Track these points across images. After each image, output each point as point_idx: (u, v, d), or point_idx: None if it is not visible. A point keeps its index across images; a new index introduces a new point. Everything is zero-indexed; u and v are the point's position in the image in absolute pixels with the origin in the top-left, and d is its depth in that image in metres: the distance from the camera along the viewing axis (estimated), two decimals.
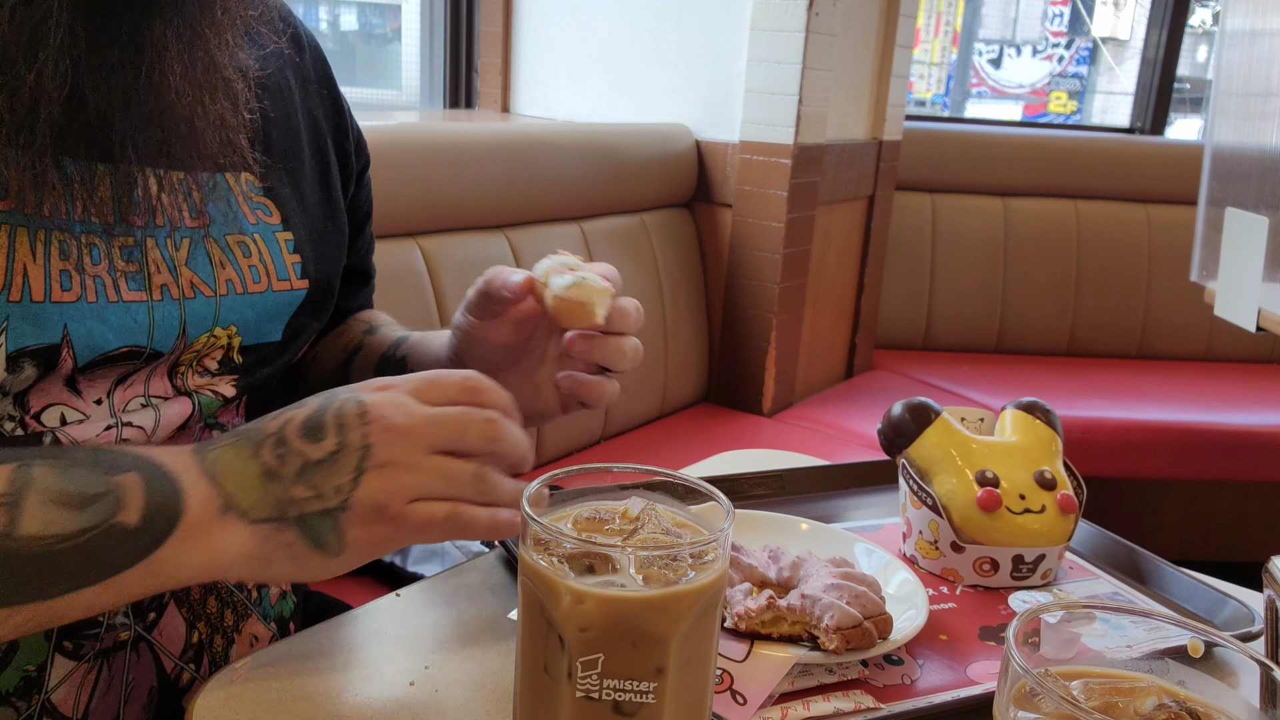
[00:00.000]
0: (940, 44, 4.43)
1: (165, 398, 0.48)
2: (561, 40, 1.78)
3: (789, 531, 0.57)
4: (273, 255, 0.51)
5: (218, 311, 0.48)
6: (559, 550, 0.34)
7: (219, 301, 0.48)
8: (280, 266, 0.51)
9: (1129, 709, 0.32)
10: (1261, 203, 1.45)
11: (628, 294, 0.52)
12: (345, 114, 0.61)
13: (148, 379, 0.47)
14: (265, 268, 0.50)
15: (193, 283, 0.47)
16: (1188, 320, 2.10)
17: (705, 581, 0.34)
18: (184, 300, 0.46)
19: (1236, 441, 1.78)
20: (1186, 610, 0.55)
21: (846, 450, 1.46)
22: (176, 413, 0.48)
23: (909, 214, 2.06)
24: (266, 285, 0.50)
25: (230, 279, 0.48)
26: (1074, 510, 0.57)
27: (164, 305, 0.46)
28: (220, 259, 0.48)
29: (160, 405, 0.48)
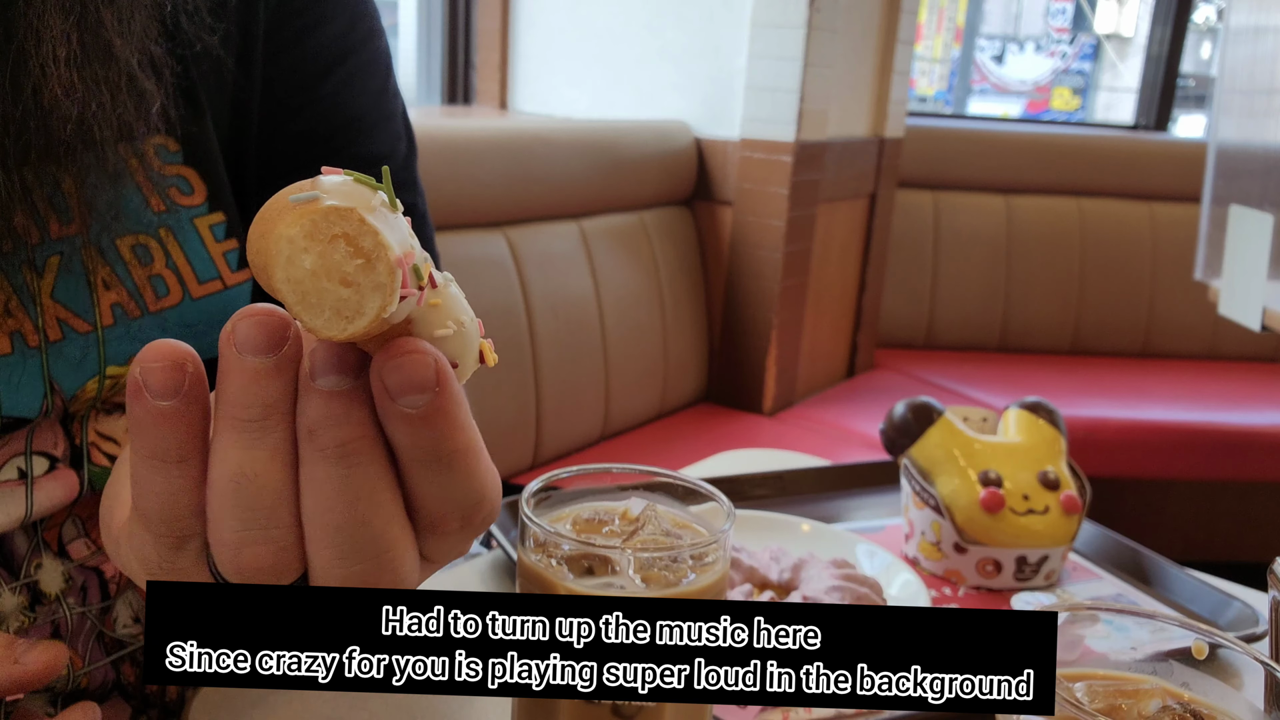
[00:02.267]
0: (942, 40, 4.42)
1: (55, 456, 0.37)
2: (560, 36, 1.77)
3: (790, 532, 0.56)
4: (187, 251, 0.38)
5: (102, 351, 0.35)
6: (557, 552, 0.34)
7: (102, 336, 0.35)
8: (201, 263, 0.38)
9: (1133, 711, 0.31)
10: (1266, 200, 1.44)
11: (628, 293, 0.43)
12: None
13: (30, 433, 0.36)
14: (176, 272, 0.37)
15: (61, 319, 0.34)
16: (1192, 319, 2.09)
17: (706, 583, 0.33)
18: (46, 346, 0.34)
19: (1241, 441, 1.77)
20: (1190, 611, 0.54)
21: (848, 450, 1.46)
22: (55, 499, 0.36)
23: (911, 212, 2.05)
24: (180, 296, 0.37)
25: (119, 302, 0.36)
26: (1078, 511, 0.57)
27: (14, 359, 0.33)
28: (104, 277, 0.35)
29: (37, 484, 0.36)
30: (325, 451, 0.20)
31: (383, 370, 0.20)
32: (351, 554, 0.21)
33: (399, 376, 0.19)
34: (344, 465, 0.20)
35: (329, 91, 0.43)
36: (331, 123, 0.43)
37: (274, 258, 0.19)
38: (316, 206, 0.19)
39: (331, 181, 0.20)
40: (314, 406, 0.20)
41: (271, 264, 0.19)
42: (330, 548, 0.21)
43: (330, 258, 0.19)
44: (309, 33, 0.43)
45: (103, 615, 0.42)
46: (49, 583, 0.41)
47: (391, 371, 0.20)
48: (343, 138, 0.44)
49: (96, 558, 0.42)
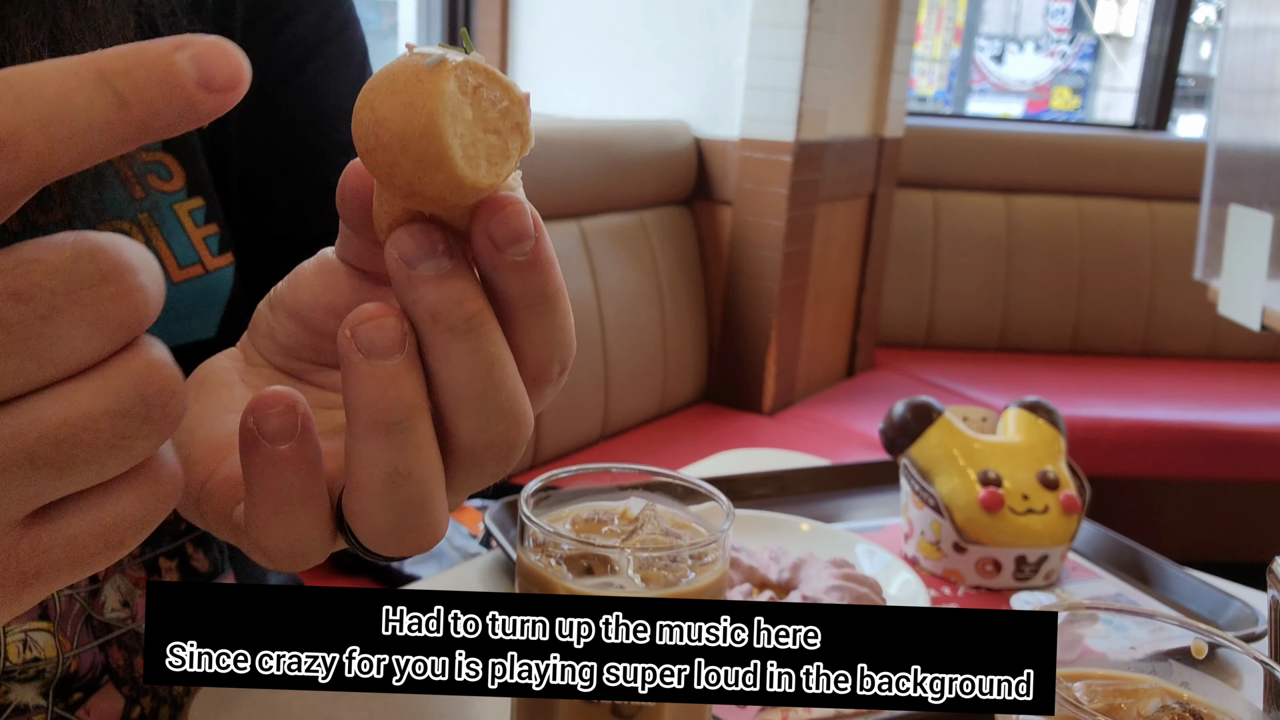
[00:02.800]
0: (942, 40, 4.42)
1: None
2: (559, 36, 1.77)
3: (790, 532, 0.56)
4: (168, 236, 0.38)
5: None
6: (557, 551, 0.34)
7: None
8: (182, 248, 0.38)
9: (1132, 711, 0.31)
10: (1266, 200, 1.45)
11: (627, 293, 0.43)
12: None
13: None
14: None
15: None
16: (1191, 318, 2.09)
17: (705, 583, 0.33)
18: None
19: (1241, 441, 1.77)
20: (1190, 611, 0.55)
21: (848, 450, 1.46)
22: None
23: (911, 211, 2.05)
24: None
25: None
26: (1077, 510, 0.57)
27: None
28: None
29: None
30: (455, 329, 0.20)
31: (490, 227, 0.21)
32: (494, 417, 0.21)
33: (505, 229, 0.20)
34: (475, 337, 0.21)
35: (307, 81, 0.43)
36: (311, 111, 0.44)
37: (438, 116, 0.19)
38: (455, 62, 0.19)
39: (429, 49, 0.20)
40: (430, 293, 0.20)
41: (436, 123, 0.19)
42: (473, 416, 0.21)
43: (480, 107, 0.20)
44: (284, 25, 0.43)
45: (91, 598, 0.42)
46: None
47: (498, 226, 0.20)
48: (323, 125, 0.44)
49: None
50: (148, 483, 0.19)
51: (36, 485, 0.18)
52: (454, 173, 0.19)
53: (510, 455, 0.22)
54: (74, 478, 0.18)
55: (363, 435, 0.21)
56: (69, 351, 0.17)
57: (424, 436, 0.21)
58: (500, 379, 0.21)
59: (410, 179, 0.19)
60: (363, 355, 0.20)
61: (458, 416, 0.21)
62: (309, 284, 0.25)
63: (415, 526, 0.22)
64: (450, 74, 0.19)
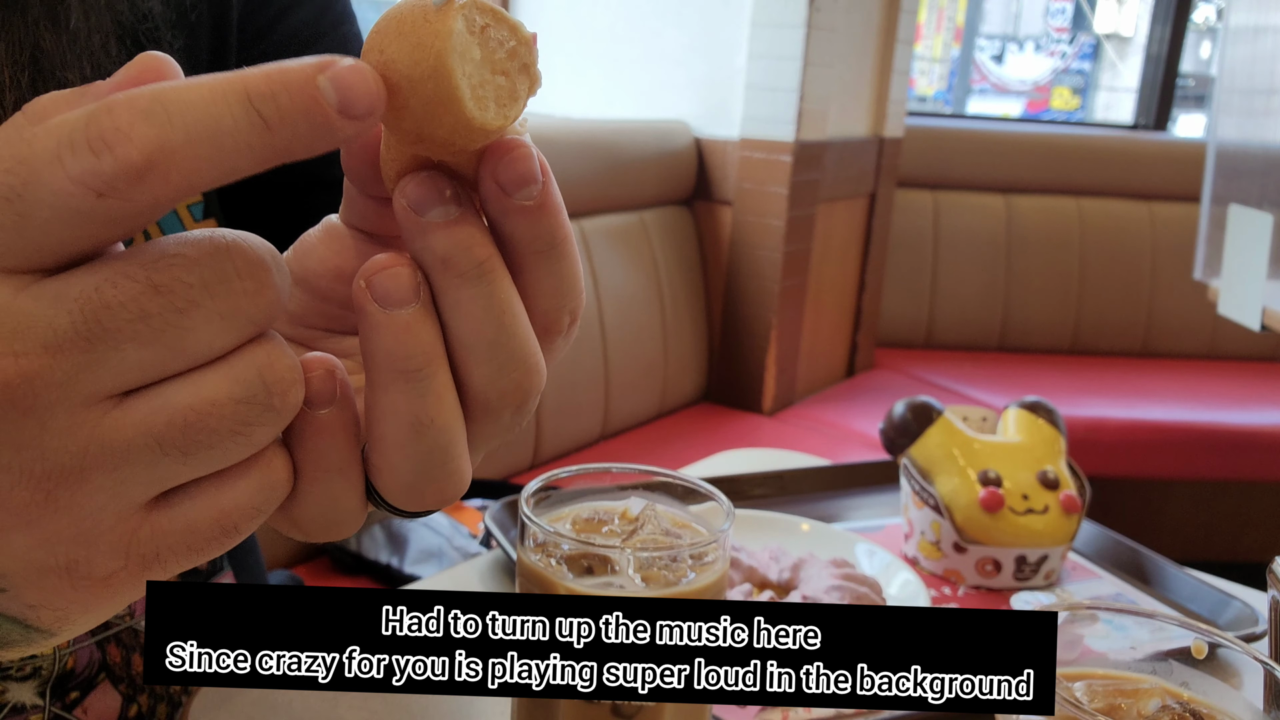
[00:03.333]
0: (942, 40, 4.42)
1: None
2: (559, 35, 1.77)
3: (790, 532, 0.56)
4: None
5: None
6: (557, 551, 0.34)
7: None
8: None
9: (1132, 711, 0.31)
10: (1265, 200, 1.45)
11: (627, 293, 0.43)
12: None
13: None
14: None
15: None
16: (1191, 318, 2.09)
17: (705, 583, 0.33)
18: None
19: (1241, 441, 1.77)
20: (1190, 611, 0.55)
21: (848, 450, 1.46)
22: None
23: (910, 211, 2.05)
24: None
25: None
26: (1077, 510, 0.57)
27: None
28: None
29: None
30: (465, 275, 0.20)
31: (496, 171, 0.20)
32: (508, 364, 0.21)
33: (512, 173, 0.20)
34: (485, 282, 0.20)
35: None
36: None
37: (446, 56, 0.18)
38: (459, 2, 0.19)
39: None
40: (439, 239, 0.20)
41: (445, 63, 0.18)
42: (487, 363, 0.21)
43: (487, 48, 0.19)
44: (280, 19, 0.44)
45: None
46: None
47: (505, 170, 0.20)
48: None
49: None
50: (263, 471, 0.20)
51: (162, 470, 0.18)
52: (462, 113, 0.19)
53: (525, 404, 0.22)
54: (198, 463, 0.19)
55: (383, 386, 0.20)
56: (202, 343, 0.18)
57: (443, 384, 0.21)
58: (512, 325, 0.21)
59: (419, 121, 0.19)
60: (379, 305, 0.20)
61: (472, 364, 0.21)
62: (315, 250, 0.25)
63: (439, 476, 0.22)
64: (458, 13, 0.19)
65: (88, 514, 0.19)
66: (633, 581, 0.33)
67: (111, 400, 0.18)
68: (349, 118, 0.18)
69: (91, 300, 0.17)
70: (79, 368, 0.17)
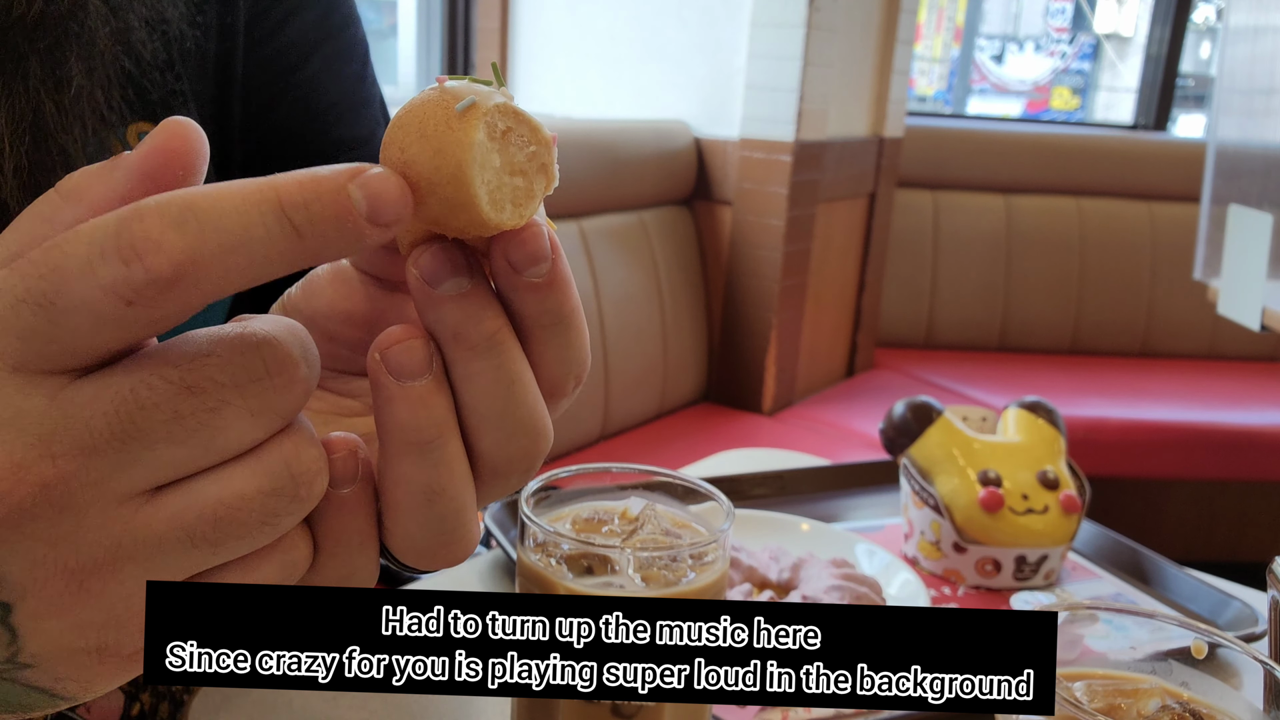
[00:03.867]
0: (942, 40, 4.42)
1: None
2: (559, 36, 1.77)
3: (790, 532, 0.56)
4: None
5: None
6: (557, 551, 0.34)
7: None
8: None
9: (1132, 710, 0.31)
10: (1265, 200, 1.45)
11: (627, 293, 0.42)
12: None
13: None
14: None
15: None
16: (1191, 318, 2.09)
17: (705, 582, 0.33)
18: None
19: (1240, 441, 1.77)
20: (1190, 611, 0.55)
21: (847, 450, 1.46)
22: None
23: (910, 211, 2.05)
24: None
25: None
26: (1077, 510, 0.57)
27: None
28: None
29: None
30: (476, 349, 0.21)
31: (508, 250, 0.21)
32: (516, 432, 0.22)
33: (523, 252, 0.21)
34: (495, 355, 0.21)
35: (307, 78, 0.44)
36: (311, 109, 0.44)
37: (467, 167, 0.19)
38: (486, 107, 0.20)
39: (461, 85, 0.20)
40: (451, 312, 0.21)
41: (465, 174, 0.19)
42: (496, 432, 0.22)
43: (507, 153, 0.20)
44: (285, 22, 0.44)
45: None
46: None
47: (516, 249, 0.21)
48: (323, 123, 0.44)
49: None
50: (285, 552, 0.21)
51: (192, 560, 0.19)
52: (479, 216, 0.20)
53: (531, 467, 0.23)
54: (226, 552, 0.19)
55: (397, 456, 0.21)
56: (232, 439, 0.19)
57: (455, 453, 0.21)
58: (521, 395, 0.22)
59: (435, 216, 0.20)
60: (393, 377, 0.20)
61: (482, 432, 0.22)
62: (323, 291, 0.25)
63: (450, 541, 0.22)
64: (480, 120, 0.19)
65: (119, 601, 0.19)
66: (633, 581, 0.33)
67: (144, 496, 0.19)
68: (377, 225, 0.18)
69: (126, 402, 0.18)
70: (114, 467, 0.18)
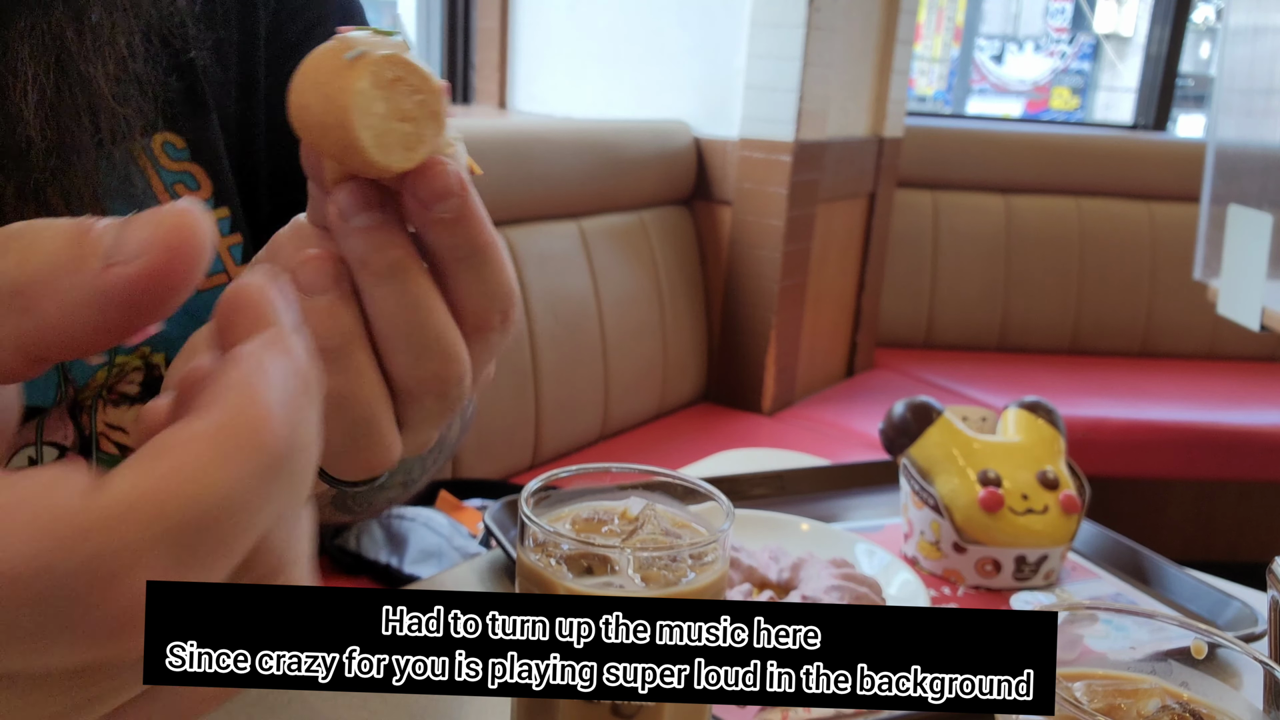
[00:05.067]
0: (942, 40, 4.42)
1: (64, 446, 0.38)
2: (559, 36, 1.77)
3: (789, 532, 0.56)
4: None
5: None
6: (557, 551, 0.34)
7: None
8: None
9: (1132, 711, 0.31)
10: (1265, 200, 1.45)
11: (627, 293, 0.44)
12: None
13: (40, 423, 0.37)
14: None
15: None
16: (1191, 318, 2.09)
17: (705, 582, 0.33)
18: None
19: (1240, 441, 1.77)
20: (1190, 611, 0.55)
21: (847, 450, 1.46)
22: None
23: (910, 211, 2.05)
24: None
25: None
26: (1077, 510, 0.57)
27: None
28: None
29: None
30: (379, 274, 0.23)
31: (416, 187, 0.22)
32: (424, 354, 0.24)
33: (429, 190, 0.22)
34: (398, 280, 0.23)
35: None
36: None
37: (349, 111, 0.21)
38: (373, 57, 0.21)
39: (360, 35, 0.22)
40: (360, 242, 0.23)
41: (348, 118, 0.21)
42: (405, 352, 0.24)
43: (394, 100, 0.21)
44: (308, 34, 0.44)
45: None
46: None
47: (424, 185, 0.22)
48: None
49: None
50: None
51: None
52: (366, 158, 0.21)
53: (445, 391, 0.24)
54: None
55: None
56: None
57: (362, 363, 0.23)
58: (424, 319, 0.23)
59: (334, 156, 0.22)
60: (303, 292, 0.23)
61: (392, 352, 0.24)
62: (284, 248, 0.26)
63: (364, 446, 0.24)
64: (366, 70, 0.21)
65: None
66: (632, 581, 0.33)
67: None
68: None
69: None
70: None
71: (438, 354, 0.24)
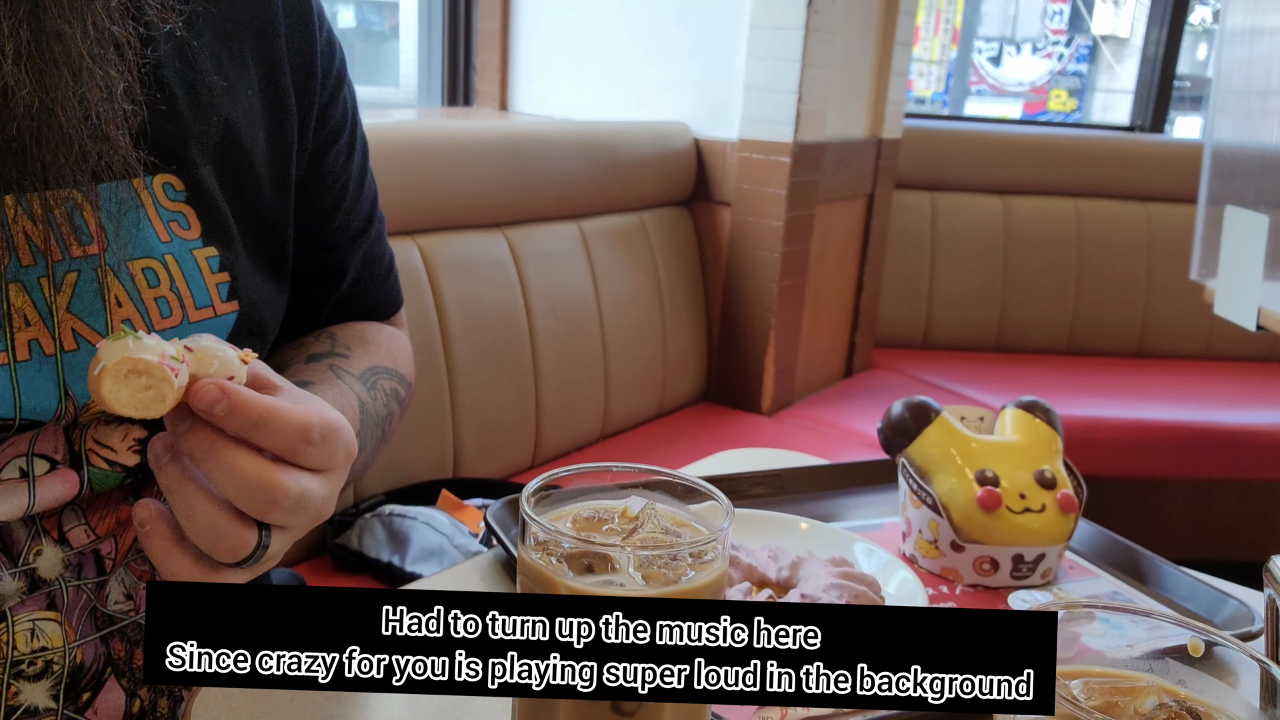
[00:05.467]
0: (940, 41, 4.43)
1: (55, 460, 0.40)
2: (560, 37, 1.77)
3: (789, 531, 0.56)
4: (188, 278, 0.42)
5: None
6: (558, 550, 0.34)
7: None
8: (199, 291, 0.43)
9: (1129, 709, 0.31)
10: (1261, 201, 1.45)
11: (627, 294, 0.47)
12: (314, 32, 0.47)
13: (34, 438, 0.40)
14: (178, 296, 0.42)
15: (76, 330, 0.39)
16: (1188, 319, 2.10)
17: (705, 581, 0.33)
18: (62, 355, 0.38)
19: (1236, 440, 1.78)
20: (1186, 609, 0.55)
21: (846, 449, 1.46)
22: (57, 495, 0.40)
23: (908, 212, 2.05)
24: (180, 318, 0.42)
25: (130, 318, 0.40)
26: (1074, 509, 0.57)
27: (32, 366, 0.38)
28: (117, 295, 0.39)
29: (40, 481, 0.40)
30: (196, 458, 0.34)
31: (193, 405, 0.34)
32: (244, 492, 0.34)
33: (199, 405, 0.34)
34: (211, 460, 0.34)
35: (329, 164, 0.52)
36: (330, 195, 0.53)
37: (105, 402, 0.33)
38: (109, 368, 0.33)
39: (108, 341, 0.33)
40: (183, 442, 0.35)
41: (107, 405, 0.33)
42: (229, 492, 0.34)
43: (134, 385, 0.33)
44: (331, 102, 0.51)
45: (97, 590, 0.43)
46: (47, 569, 0.42)
47: (196, 404, 0.34)
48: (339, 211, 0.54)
49: (96, 544, 0.43)
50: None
51: None
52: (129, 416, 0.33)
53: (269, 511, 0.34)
54: None
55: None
56: None
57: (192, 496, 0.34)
58: (240, 474, 0.34)
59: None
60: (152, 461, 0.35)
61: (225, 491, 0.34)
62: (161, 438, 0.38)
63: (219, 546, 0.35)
64: (105, 377, 0.33)
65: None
66: (633, 579, 0.33)
67: None
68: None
69: None
70: None
71: (256, 491, 0.34)
